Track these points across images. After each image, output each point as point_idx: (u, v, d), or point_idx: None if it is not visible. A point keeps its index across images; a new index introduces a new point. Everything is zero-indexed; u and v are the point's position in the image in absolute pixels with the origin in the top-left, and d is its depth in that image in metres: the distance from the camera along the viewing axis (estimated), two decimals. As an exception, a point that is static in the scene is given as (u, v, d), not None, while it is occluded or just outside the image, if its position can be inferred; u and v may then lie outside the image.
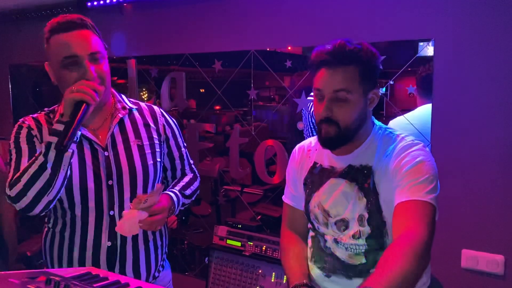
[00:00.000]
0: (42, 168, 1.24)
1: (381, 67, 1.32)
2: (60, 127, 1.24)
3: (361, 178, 1.29)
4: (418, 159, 1.22)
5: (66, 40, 1.32)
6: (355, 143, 1.32)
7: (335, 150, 1.33)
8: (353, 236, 1.30)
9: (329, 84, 1.25)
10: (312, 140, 1.48)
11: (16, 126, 1.42)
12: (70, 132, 1.21)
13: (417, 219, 1.14)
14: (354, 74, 1.24)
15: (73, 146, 1.27)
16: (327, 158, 1.38)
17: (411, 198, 1.17)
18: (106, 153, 1.41)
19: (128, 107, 1.50)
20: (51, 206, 1.32)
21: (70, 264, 1.41)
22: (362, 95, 1.27)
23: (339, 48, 1.25)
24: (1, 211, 1.72)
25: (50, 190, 1.26)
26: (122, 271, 1.42)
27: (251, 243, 2.21)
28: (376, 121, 1.37)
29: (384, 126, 1.37)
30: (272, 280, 2.09)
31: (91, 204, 1.39)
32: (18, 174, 1.27)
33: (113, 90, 1.51)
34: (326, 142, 1.31)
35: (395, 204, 1.21)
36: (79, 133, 1.28)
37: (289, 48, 2.33)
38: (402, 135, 1.32)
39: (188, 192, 1.56)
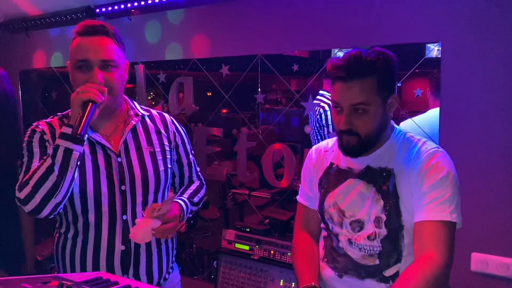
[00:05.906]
0: (49, 170, 1.26)
1: (397, 71, 1.31)
2: (68, 130, 1.27)
3: (380, 180, 1.29)
4: (444, 173, 1.23)
5: (83, 44, 1.36)
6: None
7: (357, 157, 1.33)
8: (368, 237, 1.30)
9: (346, 98, 1.24)
10: (329, 142, 1.49)
11: (29, 130, 1.44)
12: (82, 122, 1.23)
13: (440, 242, 1.20)
14: (372, 86, 1.23)
15: (79, 148, 1.28)
16: (344, 159, 1.38)
17: (436, 219, 1.20)
18: (119, 159, 1.44)
19: (140, 114, 1.52)
20: (59, 209, 1.33)
21: (83, 269, 1.42)
22: (381, 104, 1.26)
23: (354, 61, 1.22)
24: (21, 221, 1.73)
25: (57, 192, 1.27)
26: (136, 274, 1.44)
27: (260, 247, 2.22)
28: (395, 125, 1.37)
29: (403, 130, 1.37)
30: (281, 284, 2.09)
31: (104, 208, 1.41)
32: (27, 176, 1.29)
33: (126, 97, 1.54)
34: (348, 151, 1.31)
35: (419, 219, 1.23)
36: (86, 135, 1.29)
37: (296, 52, 2.34)
38: (423, 140, 1.32)
39: (196, 199, 1.59)
